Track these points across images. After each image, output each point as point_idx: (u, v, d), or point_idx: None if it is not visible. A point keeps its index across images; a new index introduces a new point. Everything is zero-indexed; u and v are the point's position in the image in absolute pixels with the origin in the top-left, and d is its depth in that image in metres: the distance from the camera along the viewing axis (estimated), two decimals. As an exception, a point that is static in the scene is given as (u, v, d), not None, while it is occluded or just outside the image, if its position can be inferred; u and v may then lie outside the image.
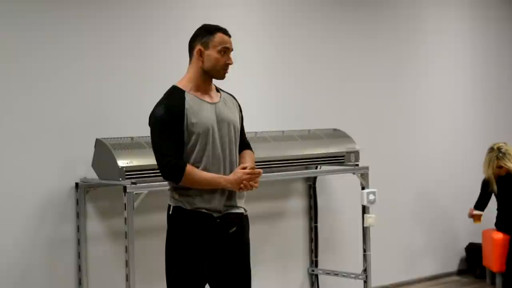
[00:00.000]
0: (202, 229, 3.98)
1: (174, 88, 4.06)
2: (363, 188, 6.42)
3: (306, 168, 6.52)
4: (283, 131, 6.29)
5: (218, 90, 4.17)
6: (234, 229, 4.06)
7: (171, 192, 4.07)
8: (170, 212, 4.07)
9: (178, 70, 5.99)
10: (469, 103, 8.45)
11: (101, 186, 5.39)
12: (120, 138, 5.33)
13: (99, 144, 5.25)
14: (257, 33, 6.55)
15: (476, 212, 7.52)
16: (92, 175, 5.34)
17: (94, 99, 5.52)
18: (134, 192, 5.05)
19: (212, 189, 3.97)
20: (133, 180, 5.06)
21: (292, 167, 6.17)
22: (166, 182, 5.28)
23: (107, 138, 5.30)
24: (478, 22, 8.58)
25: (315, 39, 6.95)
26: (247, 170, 3.98)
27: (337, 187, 7.03)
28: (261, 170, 4.04)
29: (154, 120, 3.99)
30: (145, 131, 5.60)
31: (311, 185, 6.83)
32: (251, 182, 3.98)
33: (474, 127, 8.49)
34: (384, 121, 7.52)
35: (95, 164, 5.28)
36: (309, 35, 6.90)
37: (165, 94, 4.06)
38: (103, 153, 5.19)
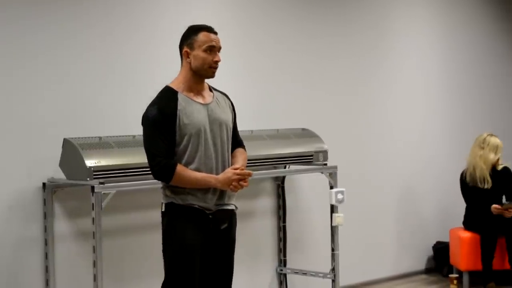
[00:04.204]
0: (196, 222, 4.06)
1: (167, 88, 4.12)
2: (331, 188, 6.44)
3: (275, 168, 6.53)
4: (251, 131, 6.29)
5: (211, 89, 4.24)
6: (225, 225, 4.17)
7: (163, 190, 4.13)
8: (163, 209, 4.13)
9: (147, 70, 6.00)
10: (437, 102, 8.51)
11: (69, 186, 5.36)
12: (88, 138, 5.30)
13: (67, 144, 5.21)
14: (226, 33, 6.54)
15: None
16: (59, 175, 5.31)
17: (62, 99, 5.48)
18: (102, 192, 5.03)
19: (205, 188, 4.04)
20: (101, 180, 5.04)
21: (260, 166, 6.18)
22: (134, 182, 5.28)
23: (75, 137, 5.27)
24: (446, 22, 8.64)
25: (284, 39, 6.95)
26: (237, 171, 4.06)
27: (306, 186, 7.05)
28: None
29: (147, 120, 4.05)
30: (113, 131, 5.61)
31: (279, 184, 6.84)
32: (241, 182, 4.06)
33: (442, 127, 8.55)
34: (353, 120, 7.55)
35: (63, 164, 5.25)
36: (277, 35, 6.91)
37: (158, 95, 4.13)
38: (71, 153, 5.16)
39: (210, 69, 4.11)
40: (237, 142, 4.32)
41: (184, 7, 6.19)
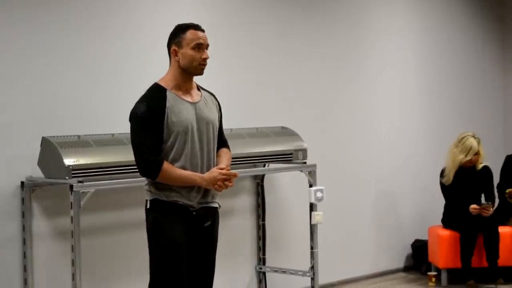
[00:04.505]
0: (181, 218, 4.08)
1: (156, 85, 4.15)
2: (310, 186, 6.46)
3: (254, 166, 6.53)
4: (231, 129, 6.29)
5: (199, 88, 4.28)
6: (209, 223, 4.19)
7: (148, 186, 4.14)
8: (148, 206, 4.14)
9: (127, 69, 5.98)
10: (416, 101, 8.53)
11: (47, 185, 5.33)
12: (67, 136, 5.29)
13: (45, 143, 5.19)
14: (205, 33, 6.53)
15: None
16: (38, 173, 5.28)
17: (40, 97, 5.46)
18: (81, 191, 5.01)
19: (189, 186, 4.07)
20: (80, 179, 5.03)
21: (240, 165, 6.18)
22: (113, 181, 5.26)
23: (54, 136, 5.25)
24: (424, 20, 8.67)
25: (262, 38, 6.96)
26: (223, 171, 4.09)
27: (285, 184, 7.06)
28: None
29: (135, 117, 4.06)
30: (92, 129, 5.59)
31: (259, 183, 6.84)
32: (226, 182, 4.09)
33: (420, 126, 8.58)
34: (332, 119, 7.56)
35: (41, 163, 5.23)
36: (256, 34, 6.91)
37: (146, 92, 4.14)
38: (50, 151, 5.14)
39: (199, 66, 4.16)
40: (222, 141, 4.35)
41: (159, 7, 6.16)
